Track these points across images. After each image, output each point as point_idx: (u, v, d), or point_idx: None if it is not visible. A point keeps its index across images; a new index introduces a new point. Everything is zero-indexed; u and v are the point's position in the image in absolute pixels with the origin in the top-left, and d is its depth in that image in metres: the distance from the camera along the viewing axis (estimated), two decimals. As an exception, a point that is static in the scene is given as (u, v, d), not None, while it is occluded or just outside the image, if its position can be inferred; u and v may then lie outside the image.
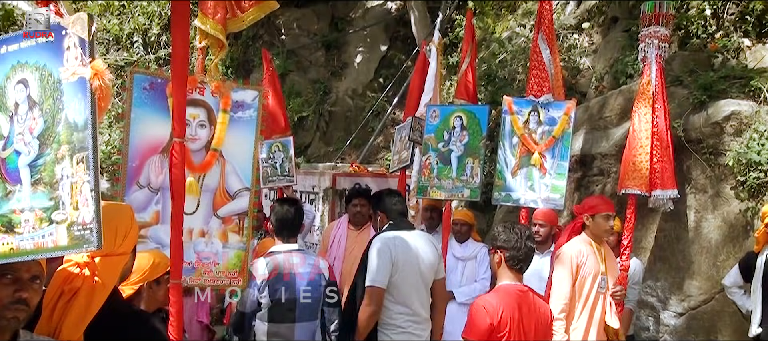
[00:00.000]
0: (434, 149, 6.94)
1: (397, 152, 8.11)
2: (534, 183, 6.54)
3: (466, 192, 6.71)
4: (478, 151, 6.74)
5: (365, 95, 14.28)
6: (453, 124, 6.91)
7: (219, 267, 4.44)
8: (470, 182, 6.70)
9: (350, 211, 6.87)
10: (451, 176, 6.78)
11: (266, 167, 8.29)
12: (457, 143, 6.82)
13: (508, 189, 6.58)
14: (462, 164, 6.75)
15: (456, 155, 6.82)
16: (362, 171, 9.89)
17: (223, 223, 4.48)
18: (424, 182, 6.93)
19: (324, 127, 13.99)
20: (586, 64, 10.36)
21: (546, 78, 6.69)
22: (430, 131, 7.00)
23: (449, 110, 7.05)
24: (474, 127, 6.80)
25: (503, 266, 3.98)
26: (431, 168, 6.89)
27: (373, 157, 12.97)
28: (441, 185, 6.82)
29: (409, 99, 8.20)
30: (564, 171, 6.48)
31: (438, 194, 6.80)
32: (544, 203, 6.45)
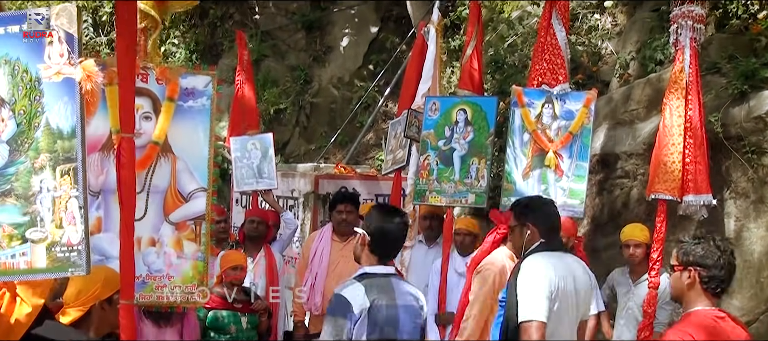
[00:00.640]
0: (434, 148, 6.94)
1: (391, 150, 8.13)
2: (549, 187, 6.56)
3: (470, 198, 6.72)
4: (484, 149, 6.75)
5: (353, 84, 14.26)
6: (455, 118, 6.93)
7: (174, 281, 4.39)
8: (475, 186, 6.72)
9: (335, 219, 6.88)
10: (453, 179, 6.80)
11: (241, 167, 8.35)
12: (461, 141, 6.85)
13: (518, 194, 6.59)
14: (466, 165, 6.78)
15: (459, 154, 6.85)
16: (349, 173, 9.90)
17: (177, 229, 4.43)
18: (421, 185, 6.93)
19: (304, 121, 13.95)
20: (609, 48, 10.38)
21: (562, 64, 6.73)
22: (429, 127, 7.00)
23: (451, 102, 7.04)
24: (480, 122, 6.82)
25: (696, 288, 3.71)
26: (430, 170, 6.90)
27: (362, 156, 12.96)
28: (441, 190, 6.83)
29: (405, 89, 8.17)
30: (584, 173, 6.50)
31: (438, 199, 6.82)
32: (561, 210, 6.35)
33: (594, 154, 7.68)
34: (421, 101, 7.56)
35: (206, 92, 4.63)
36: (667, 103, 6.32)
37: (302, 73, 14.39)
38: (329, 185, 9.52)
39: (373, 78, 14.05)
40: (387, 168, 8.24)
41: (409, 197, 7.58)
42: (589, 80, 9.77)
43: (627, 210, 7.55)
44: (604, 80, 9.94)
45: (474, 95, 7.25)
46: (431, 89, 7.74)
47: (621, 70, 9.58)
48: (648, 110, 7.75)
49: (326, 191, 9.45)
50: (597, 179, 7.85)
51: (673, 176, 6.15)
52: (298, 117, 13.98)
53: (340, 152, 13.29)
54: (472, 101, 6.94)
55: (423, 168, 6.95)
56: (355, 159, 12.78)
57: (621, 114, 8.02)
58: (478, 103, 6.90)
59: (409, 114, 7.38)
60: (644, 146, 7.37)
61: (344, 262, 6.67)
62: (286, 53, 14.86)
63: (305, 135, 13.96)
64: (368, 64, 14.54)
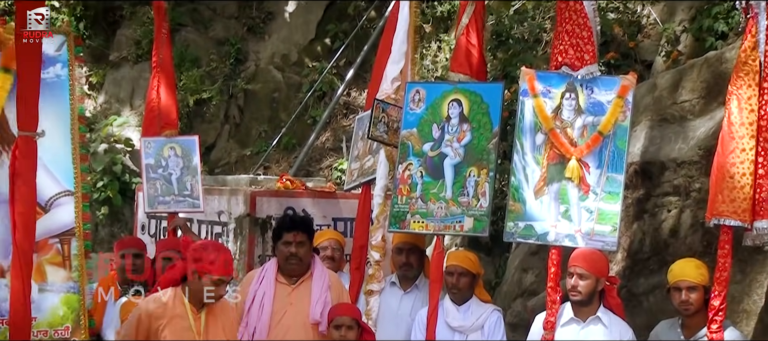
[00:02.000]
0: (417, 154, 6.91)
1: (357, 157, 8.10)
2: (571, 208, 6.55)
3: (466, 222, 6.71)
4: (485, 156, 6.74)
5: (302, 64, 14.22)
6: (447, 113, 6.91)
7: (38, 324, 4.31)
8: (473, 207, 6.70)
9: (280, 253, 6.81)
10: (443, 197, 6.78)
11: (154, 180, 8.33)
12: (454, 144, 6.84)
13: (528, 217, 6.56)
14: (461, 178, 6.75)
15: (451, 162, 6.82)
16: (298, 188, 9.85)
17: (36, 251, 4.35)
18: (400, 206, 6.89)
19: (236, 116, 13.91)
20: (652, 16, 10.43)
21: (589, 38, 6.73)
22: (411, 124, 6.97)
23: (440, 89, 7.03)
24: (480, 117, 6.80)
25: None
26: (412, 184, 6.87)
27: (316, 165, 12.95)
28: (427, 212, 6.80)
29: (376, 72, 8.17)
30: (618, 189, 6.50)
31: (422, 225, 6.80)
32: (586, 240, 6.47)
33: (632, 162, 7.67)
34: (392, 89, 7.57)
35: (59, 58, 4.55)
36: (733, 92, 6.28)
37: (233, 49, 14.33)
38: (271, 205, 9.44)
39: (331, 56, 14.04)
40: (351, 182, 8.23)
41: (377, 221, 7.55)
42: (625, 61, 9.82)
43: (677, 240, 7.54)
44: (646, 60, 10.01)
45: (472, 81, 7.23)
46: (403, 73, 7.75)
47: (668, 46, 9.63)
48: (706, 102, 7.78)
49: (267, 213, 9.37)
50: (636, 196, 7.84)
51: (743, 194, 6.13)
52: (228, 110, 13.93)
53: (286, 159, 13.25)
54: (470, 89, 6.93)
55: (402, 182, 6.92)
56: (306, 169, 12.75)
57: (668, 107, 8.03)
58: (478, 91, 6.89)
59: (374, 106, 7.39)
60: (701, 152, 7.39)
61: (293, 312, 6.62)
62: (211, 22, 14.81)
63: (237, 136, 13.92)
64: (324, 38, 14.53)
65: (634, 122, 7.58)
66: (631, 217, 7.84)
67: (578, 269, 6.35)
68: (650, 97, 8.25)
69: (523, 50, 10.72)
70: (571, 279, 6.35)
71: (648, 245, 7.81)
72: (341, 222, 9.23)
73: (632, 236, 7.83)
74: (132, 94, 14.26)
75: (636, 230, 7.83)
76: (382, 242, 7.52)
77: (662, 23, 10.04)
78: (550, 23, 11.03)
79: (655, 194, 7.79)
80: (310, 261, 6.73)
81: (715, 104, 7.56)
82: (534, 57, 10.61)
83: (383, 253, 7.46)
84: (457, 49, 7.53)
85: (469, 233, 6.81)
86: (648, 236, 7.81)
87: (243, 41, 14.46)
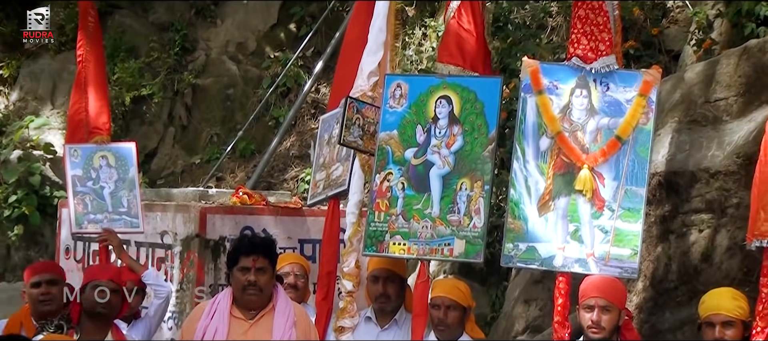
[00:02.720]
0: (398, 161, 6.96)
1: (322, 166, 8.11)
2: (582, 227, 6.59)
3: (457, 245, 6.75)
4: (480, 165, 6.78)
5: (262, 54, 14.28)
6: (434, 112, 6.95)
7: None
8: (465, 226, 6.73)
9: (236, 281, 6.75)
10: (429, 214, 6.82)
11: (83, 194, 8.34)
12: (442, 150, 6.87)
13: (531, 238, 6.62)
14: (451, 191, 6.80)
15: (439, 172, 6.86)
16: (257, 204, 9.81)
17: None
18: (377, 225, 6.93)
19: (182, 117, 13.95)
20: None
21: (605, 24, 6.77)
22: (391, 125, 7.03)
23: (426, 84, 7.06)
24: (474, 118, 6.85)
25: None
26: (392, 198, 6.93)
27: (279, 175, 12.98)
28: (410, 232, 6.84)
29: (342, 63, 8.21)
30: (638, 205, 6.53)
31: (403, 248, 6.84)
32: (600, 266, 6.50)
33: (655, 173, 7.69)
34: (368, 85, 7.59)
35: None
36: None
37: (178, 36, 14.35)
38: (225, 224, 9.39)
39: (297, 45, 14.06)
40: (315, 195, 8.23)
41: (349, 244, 7.55)
42: (647, 51, 9.86)
43: (710, 266, 7.55)
44: (672, 51, 10.06)
45: (465, 73, 7.27)
46: (381, 65, 7.75)
47: (699, 33, 9.64)
48: (746, 101, 7.79)
49: (220, 234, 9.31)
50: (660, 214, 7.85)
51: (789, 211, 6.14)
52: (172, 110, 13.94)
53: (243, 167, 13.27)
54: (462, 84, 6.95)
55: (379, 195, 6.94)
56: (268, 181, 12.79)
57: (700, 107, 8.04)
58: (472, 87, 6.92)
59: (346, 105, 7.41)
60: (739, 160, 7.41)
61: (253, 354, 6.58)
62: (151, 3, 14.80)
63: (184, 140, 13.94)
64: (288, 23, 14.59)
65: (659, 125, 7.61)
66: (655, 238, 7.85)
67: (600, 300, 6.33)
68: (678, 94, 8.26)
69: (525, 38, 10.76)
70: (591, 313, 6.32)
71: (675, 272, 7.81)
72: (309, 244, 9.20)
73: (656, 262, 7.83)
74: (53, 90, 14.26)
75: (660, 254, 7.83)
76: (355, 269, 7.50)
77: (692, 6, 10.06)
78: (557, 6, 11.06)
79: (683, 210, 7.81)
80: (272, 291, 6.68)
81: (756, 102, 7.59)
82: (537, 46, 10.65)
83: (357, 282, 7.45)
84: (446, 35, 7.54)
85: (460, 259, 6.83)
86: (675, 261, 7.81)
87: (190, 27, 14.48)
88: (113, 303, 7.25)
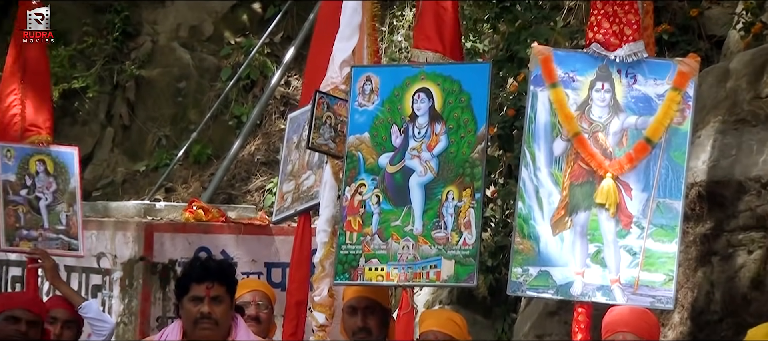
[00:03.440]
0: (370, 169, 6.99)
1: (291, 174, 8.18)
2: (605, 248, 6.59)
3: (445, 267, 6.74)
4: (469, 169, 6.79)
5: (221, 39, 14.41)
6: (411, 108, 6.96)
7: None
8: (454, 244, 6.74)
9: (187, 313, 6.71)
10: (410, 231, 6.82)
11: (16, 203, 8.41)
12: (423, 153, 6.88)
13: (543, 261, 6.63)
14: (435, 202, 6.82)
15: (421, 180, 6.88)
16: (215, 220, 9.94)
17: None
18: (349, 247, 6.94)
19: (124, 115, 14.02)
20: (722, -26, 10.53)
21: (632, 5, 6.76)
22: (361, 127, 7.04)
23: (402, 75, 7.07)
24: (459, 114, 6.85)
25: None
26: (365, 214, 6.94)
27: (242, 186, 13.08)
28: (388, 252, 6.85)
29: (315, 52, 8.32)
30: (674, 221, 6.54)
31: (380, 274, 6.85)
32: (628, 294, 6.50)
33: (694, 182, 7.74)
34: (342, 78, 7.63)
35: None
36: None
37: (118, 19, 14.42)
38: (175, 244, 9.52)
39: (263, 29, 14.18)
40: (282, 210, 8.29)
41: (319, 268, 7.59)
42: (683, 36, 9.95)
43: (761, 294, 7.59)
44: (714, 36, 10.14)
45: (446, 61, 7.29)
46: (356, 53, 7.82)
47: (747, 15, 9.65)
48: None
49: (169, 256, 9.45)
50: (700, 232, 7.88)
51: None
52: (111, 107, 14.06)
53: (197, 176, 13.37)
54: (443, 73, 6.96)
55: (351, 211, 6.94)
56: (228, 192, 12.90)
57: (748, 103, 8.07)
58: (455, 76, 6.92)
59: (315, 102, 7.45)
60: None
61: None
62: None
63: (125, 144, 14.03)
64: (251, 2, 14.75)
65: (698, 125, 7.67)
66: (694, 261, 7.88)
67: (628, 336, 6.34)
68: (721, 89, 8.29)
69: (536, 20, 10.75)
70: None
71: (719, 301, 7.84)
72: (278, 269, 9.36)
73: (696, 289, 7.87)
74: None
75: (701, 279, 7.87)
76: (328, 299, 7.58)
77: (737, -13, 10.08)
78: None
79: (728, 228, 7.83)
80: (229, 324, 6.66)
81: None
82: (551, 30, 10.60)
83: (330, 313, 7.55)
84: (422, 16, 7.57)
85: (450, 284, 6.86)
86: (718, 288, 7.84)
87: (133, 8, 14.60)
88: (30, 337, 7.25)
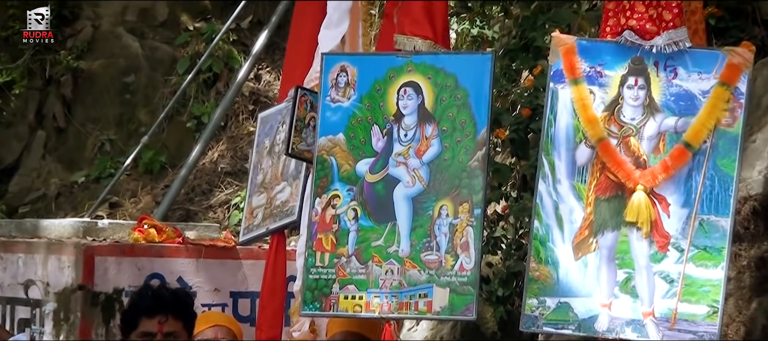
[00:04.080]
0: (346, 178, 7.04)
1: (262, 186, 8.23)
2: (636, 276, 6.60)
3: (437, 296, 6.77)
4: (467, 180, 6.81)
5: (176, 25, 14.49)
6: (395, 106, 7.02)
7: None
8: (448, 268, 6.76)
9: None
10: (395, 253, 6.86)
11: None
12: (410, 160, 6.92)
13: (563, 291, 6.63)
14: (425, 218, 6.86)
15: (408, 192, 6.94)
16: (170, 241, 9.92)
17: None
18: (320, 271, 6.96)
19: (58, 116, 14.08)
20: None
21: None
22: (334, 127, 7.10)
23: (385, 65, 7.10)
24: (454, 113, 6.91)
25: None
26: (340, 232, 6.98)
27: (203, 200, 13.13)
28: (368, 279, 6.89)
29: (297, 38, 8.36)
30: (720, 242, 6.53)
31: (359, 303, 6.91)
32: (663, 330, 6.52)
33: (747, 196, 7.78)
34: None
35: None
36: None
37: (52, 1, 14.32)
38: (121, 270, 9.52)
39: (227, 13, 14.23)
40: (251, 229, 8.37)
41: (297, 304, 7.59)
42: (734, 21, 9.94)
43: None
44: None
45: (437, 49, 7.33)
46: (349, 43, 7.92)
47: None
48: None
49: (114, 285, 9.44)
50: (755, 254, 7.88)
51: None
52: (42, 106, 14.15)
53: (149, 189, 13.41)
54: (434, 65, 7.01)
55: (322, 227, 7.00)
56: (186, 208, 12.96)
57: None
58: (449, 69, 6.96)
59: (297, 99, 7.52)
60: None
61: None
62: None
63: (60, 150, 14.09)
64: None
65: (752, 128, 7.74)
66: (748, 290, 7.91)
67: None
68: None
69: (556, 3, 10.80)
70: None
71: (776, 338, 7.80)
72: (246, 299, 9.39)
73: (750, 323, 7.89)
74: None
75: (756, 312, 7.87)
76: (309, 334, 7.64)
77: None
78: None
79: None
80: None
81: None
82: (574, 14, 10.66)
83: None
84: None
85: (442, 316, 7.01)
86: (776, 323, 7.79)
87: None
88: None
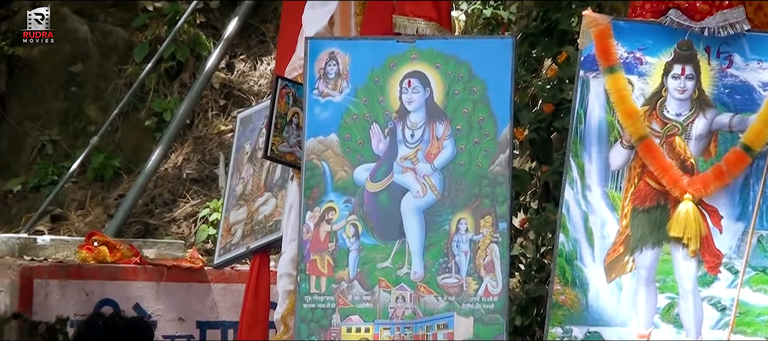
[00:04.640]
0: (341, 187, 6.90)
1: (241, 198, 8.13)
2: (681, 301, 6.45)
3: (460, 326, 6.62)
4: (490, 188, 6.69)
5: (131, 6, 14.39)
6: (398, 100, 6.87)
7: None
8: (472, 294, 6.61)
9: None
10: (406, 277, 6.71)
11: None
12: (420, 164, 6.77)
13: (594, 318, 6.47)
14: (441, 234, 6.70)
15: (418, 204, 6.77)
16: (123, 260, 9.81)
17: None
18: (316, 298, 6.79)
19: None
20: None
21: None
22: (325, 127, 6.95)
23: (384, 52, 6.97)
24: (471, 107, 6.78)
25: None
26: (338, 252, 6.82)
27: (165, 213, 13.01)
28: (375, 308, 6.73)
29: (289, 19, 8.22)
30: None
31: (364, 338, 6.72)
32: None
33: None
34: None
35: None
36: None
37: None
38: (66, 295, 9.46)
39: None
40: (230, 248, 8.22)
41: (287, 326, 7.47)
42: None
43: None
44: None
45: (444, 33, 7.26)
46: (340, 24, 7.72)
47: None
48: None
49: (57, 314, 9.40)
50: None
51: None
52: None
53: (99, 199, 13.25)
54: (445, 51, 6.84)
55: (316, 246, 6.83)
56: (144, 222, 12.80)
57: None
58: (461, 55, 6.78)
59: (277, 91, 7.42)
60: None
61: None
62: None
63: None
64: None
65: None
66: None
67: None
68: None
69: None
70: None
71: None
72: (216, 330, 9.37)
73: None
74: None
75: None
76: None
77: None
78: None
79: None
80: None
81: None
82: None
83: None
84: None
85: None
86: None
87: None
88: None
